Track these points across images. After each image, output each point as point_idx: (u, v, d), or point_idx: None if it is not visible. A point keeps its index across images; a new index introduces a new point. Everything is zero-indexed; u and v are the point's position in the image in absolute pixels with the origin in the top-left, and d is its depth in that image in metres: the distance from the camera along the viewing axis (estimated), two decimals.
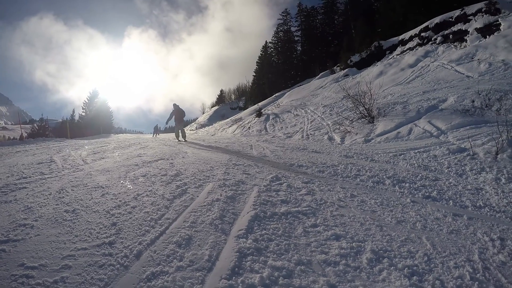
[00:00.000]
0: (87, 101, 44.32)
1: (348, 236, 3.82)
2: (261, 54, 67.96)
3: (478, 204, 4.82)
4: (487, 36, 20.65)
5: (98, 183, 6.32)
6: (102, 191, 5.72)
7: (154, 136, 30.04)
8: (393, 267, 3.17)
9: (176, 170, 7.48)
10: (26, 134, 25.44)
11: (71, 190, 5.86)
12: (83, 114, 44.08)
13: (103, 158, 10.29)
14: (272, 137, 17.73)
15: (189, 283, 2.92)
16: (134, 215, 4.47)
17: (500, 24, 20.77)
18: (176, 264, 3.24)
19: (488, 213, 4.50)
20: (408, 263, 3.23)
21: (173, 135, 23.10)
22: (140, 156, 10.23)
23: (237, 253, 3.42)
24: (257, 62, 69.06)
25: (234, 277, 3.01)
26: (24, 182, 6.42)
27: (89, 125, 39.22)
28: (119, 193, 5.52)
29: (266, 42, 67.55)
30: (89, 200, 5.20)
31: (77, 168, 8.32)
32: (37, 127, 29.08)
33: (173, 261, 3.29)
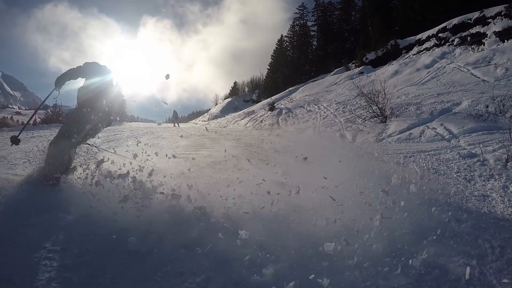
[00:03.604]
0: None
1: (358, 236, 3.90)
2: (276, 47, 67.71)
3: (483, 211, 4.91)
4: (506, 41, 20.45)
5: None
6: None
7: (174, 125, 27.56)
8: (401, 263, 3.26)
9: (190, 164, 7.62)
10: (39, 120, 25.78)
11: None
12: None
13: (117, 146, 10.48)
14: (284, 131, 17.87)
15: None
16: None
17: None
18: None
19: (492, 220, 4.58)
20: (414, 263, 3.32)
21: (193, 125, 21.76)
22: (153, 146, 10.42)
23: None
24: (271, 55, 68.87)
25: None
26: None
27: None
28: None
29: (281, 35, 67.35)
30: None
31: (93, 156, 8.49)
32: (51, 113, 29.35)
33: None
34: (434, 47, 27.83)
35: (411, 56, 29.56)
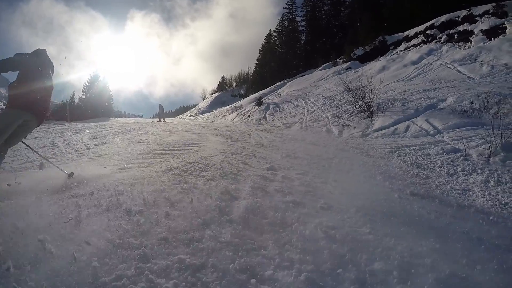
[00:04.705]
0: (87, 84, 43.87)
1: (334, 228, 3.90)
2: (264, 42, 67.49)
3: (463, 204, 4.94)
4: (492, 39, 20.67)
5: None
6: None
7: (160, 120, 25.76)
8: (376, 255, 3.25)
9: (178, 158, 7.59)
10: None
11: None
12: (83, 96, 43.78)
13: (105, 143, 10.46)
14: (271, 126, 17.83)
15: None
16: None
17: (506, 27, 20.77)
18: None
19: (472, 214, 4.61)
20: (388, 255, 3.30)
21: (180, 120, 20.92)
22: (141, 142, 10.40)
23: None
24: (260, 50, 68.63)
25: None
26: (30, 166, 6.54)
27: (89, 108, 38.98)
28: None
29: (270, 30, 67.11)
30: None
31: (80, 153, 8.53)
32: None
33: None
34: (422, 44, 27.99)
35: (398, 52, 29.71)
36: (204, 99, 76.17)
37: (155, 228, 3.52)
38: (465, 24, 25.10)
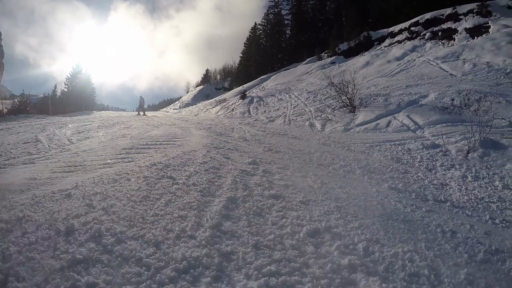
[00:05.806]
0: (69, 76, 43.03)
1: (311, 220, 3.93)
2: (249, 35, 67.09)
3: (439, 199, 5.00)
4: (475, 37, 20.87)
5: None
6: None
7: (139, 114, 25.84)
8: (348, 249, 3.29)
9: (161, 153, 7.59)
10: (6, 110, 24.86)
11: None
12: (65, 89, 43.01)
13: (88, 138, 10.42)
14: (255, 120, 17.83)
15: None
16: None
17: (489, 26, 20.97)
18: None
19: (447, 208, 4.68)
20: (359, 247, 3.33)
21: (164, 113, 20.69)
22: (125, 137, 10.37)
23: None
24: (245, 43, 68.15)
25: None
26: (14, 163, 6.54)
27: (71, 101, 38.24)
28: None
29: (255, 23, 66.62)
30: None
31: (64, 148, 8.56)
32: (18, 103, 28.41)
33: None
34: (406, 40, 28.14)
35: (382, 48, 29.83)
36: (188, 92, 75.57)
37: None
38: (449, 22, 25.28)
